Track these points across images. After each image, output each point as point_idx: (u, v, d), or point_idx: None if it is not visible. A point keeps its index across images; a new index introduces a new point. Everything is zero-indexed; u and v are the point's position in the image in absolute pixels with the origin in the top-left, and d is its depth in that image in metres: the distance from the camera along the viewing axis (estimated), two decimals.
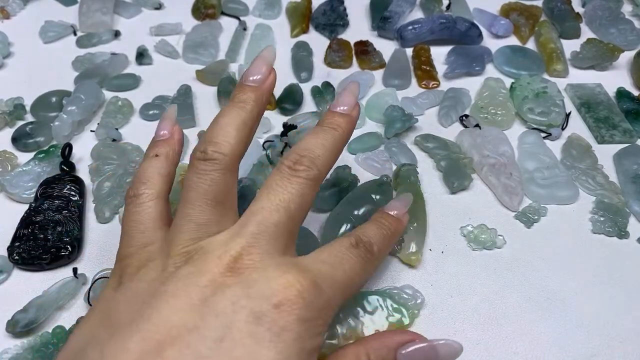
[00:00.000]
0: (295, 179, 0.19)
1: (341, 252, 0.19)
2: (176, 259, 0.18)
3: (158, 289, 0.17)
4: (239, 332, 0.15)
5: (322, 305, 0.17)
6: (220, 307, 0.16)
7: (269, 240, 0.18)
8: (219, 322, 0.16)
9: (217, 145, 0.20)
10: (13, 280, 0.26)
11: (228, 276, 0.17)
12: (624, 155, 0.33)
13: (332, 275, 0.18)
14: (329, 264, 0.19)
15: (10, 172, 0.31)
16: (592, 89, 0.38)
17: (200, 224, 0.19)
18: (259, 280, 0.17)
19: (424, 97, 0.37)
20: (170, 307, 0.16)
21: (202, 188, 0.19)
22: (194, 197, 0.19)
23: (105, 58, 0.40)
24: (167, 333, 0.15)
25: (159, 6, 0.47)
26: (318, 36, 0.44)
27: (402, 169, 0.30)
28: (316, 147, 0.20)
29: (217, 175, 0.19)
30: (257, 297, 0.16)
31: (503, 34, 0.43)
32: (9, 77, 0.39)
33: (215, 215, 0.19)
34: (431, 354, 0.19)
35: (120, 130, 0.34)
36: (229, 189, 0.20)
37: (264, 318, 0.16)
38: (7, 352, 0.23)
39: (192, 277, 0.17)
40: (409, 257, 0.26)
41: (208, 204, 0.19)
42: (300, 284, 0.17)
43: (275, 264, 0.17)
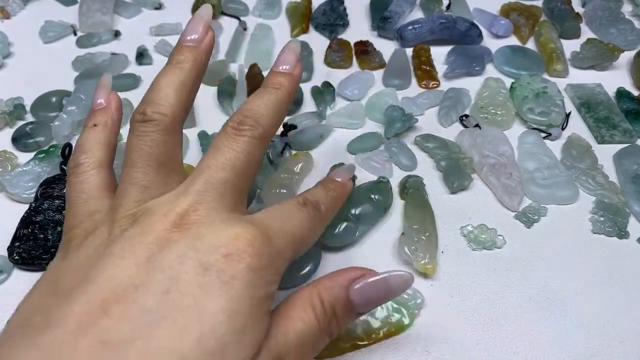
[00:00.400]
0: (240, 138, 0.19)
1: (289, 209, 0.20)
2: (122, 222, 0.18)
3: (103, 252, 0.16)
4: (186, 283, 0.15)
5: (273, 254, 0.17)
6: (167, 261, 0.16)
7: (216, 196, 0.18)
8: (166, 276, 0.16)
9: (155, 106, 0.20)
10: (13, 280, 0.26)
11: (174, 232, 0.17)
12: (624, 155, 0.33)
13: (280, 226, 0.18)
14: (278, 219, 0.19)
15: (10, 172, 0.31)
16: (592, 89, 0.38)
17: (144, 186, 0.18)
18: (207, 234, 0.17)
19: (424, 97, 0.37)
20: (115, 267, 0.16)
21: (144, 150, 0.19)
22: (136, 160, 0.19)
23: (106, 58, 0.40)
24: (113, 291, 0.15)
25: (159, 6, 0.47)
26: (318, 36, 0.44)
27: (409, 180, 0.30)
28: (259, 107, 0.20)
29: (158, 136, 0.19)
30: (205, 249, 0.16)
31: (503, 34, 0.43)
32: (9, 77, 0.39)
33: (160, 177, 0.19)
34: (383, 287, 0.19)
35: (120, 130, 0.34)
36: (171, 150, 0.20)
37: (212, 268, 0.16)
38: None
39: (137, 237, 0.17)
40: (425, 267, 0.26)
41: (151, 166, 0.19)
42: (250, 233, 0.17)
43: (223, 218, 0.17)
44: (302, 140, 0.33)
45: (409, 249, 0.26)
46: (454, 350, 0.23)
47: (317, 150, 0.34)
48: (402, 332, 0.24)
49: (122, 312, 0.15)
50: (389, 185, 0.30)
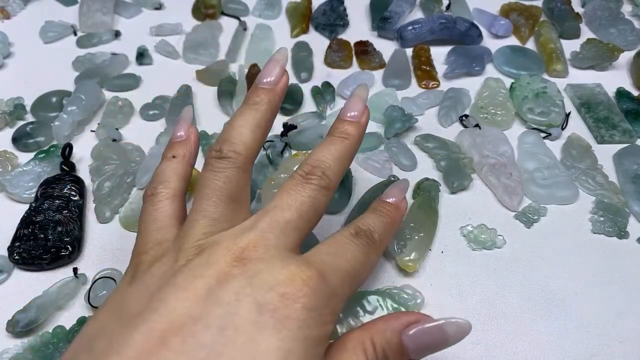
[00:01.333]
0: (308, 186, 0.20)
1: (342, 242, 0.20)
2: (188, 252, 0.18)
3: (167, 282, 0.17)
4: (241, 320, 0.16)
5: (328, 293, 0.17)
6: (224, 297, 0.16)
7: (278, 235, 0.18)
8: (222, 312, 0.16)
9: (232, 145, 0.21)
10: (13, 280, 0.26)
11: (234, 266, 0.17)
12: (623, 155, 0.33)
13: (335, 264, 0.18)
14: (332, 255, 0.19)
15: (10, 172, 0.31)
16: (592, 89, 0.38)
17: (213, 219, 0.19)
18: (264, 271, 0.17)
19: (423, 97, 0.37)
20: (176, 298, 0.16)
21: (217, 185, 0.20)
22: (209, 194, 0.20)
23: (106, 58, 0.40)
24: (172, 323, 0.15)
25: (159, 6, 0.47)
26: (318, 36, 0.44)
27: (425, 182, 0.30)
28: (327, 158, 0.21)
29: (232, 173, 0.20)
30: (261, 287, 0.17)
31: (503, 34, 0.43)
32: (9, 77, 0.39)
33: (229, 212, 0.20)
34: (438, 335, 0.18)
35: (120, 130, 0.34)
36: (242, 187, 0.21)
37: (267, 307, 0.16)
38: (7, 352, 0.23)
39: (199, 269, 0.17)
40: (406, 263, 0.26)
41: (222, 200, 0.20)
42: (305, 273, 0.17)
43: (281, 256, 0.18)
44: (302, 140, 0.34)
45: (397, 243, 0.26)
46: (454, 350, 0.23)
47: None
48: None
49: (180, 345, 0.15)
50: None
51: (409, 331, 0.18)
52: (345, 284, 0.18)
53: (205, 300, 0.16)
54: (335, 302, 0.18)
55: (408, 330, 0.18)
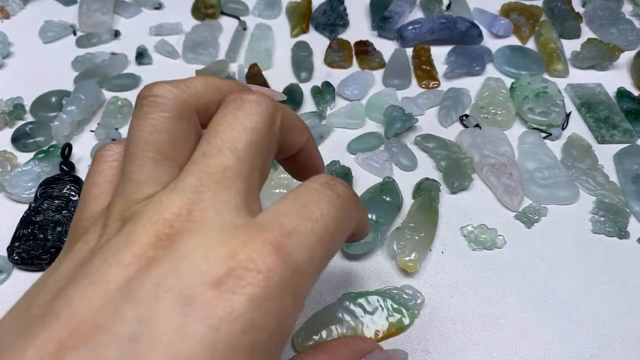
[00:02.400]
0: (240, 112, 0.15)
1: (308, 195, 0.14)
2: (111, 227, 0.14)
3: (78, 272, 0.13)
4: (160, 326, 0.11)
5: (289, 273, 0.12)
6: (141, 292, 0.12)
7: (216, 192, 0.13)
8: (136, 314, 0.11)
9: (163, 88, 0.15)
10: (13, 280, 0.26)
11: (159, 246, 0.13)
12: (624, 155, 0.33)
13: (301, 227, 0.13)
14: (294, 214, 0.13)
15: (10, 172, 0.31)
16: (593, 89, 0.38)
17: (139, 182, 0.14)
18: (195, 250, 0.12)
19: (424, 97, 0.37)
20: (82, 297, 0.12)
21: (141, 137, 0.15)
22: (133, 151, 0.15)
23: (105, 58, 0.40)
24: (74, 331, 0.12)
25: (159, 6, 0.47)
26: (318, 36, 0.44)
27: (425, 182, 0.30)
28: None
29: (159, 121, 0.15)
30: (190, 274, 0.12)
31: (503, 34, 0.43)
32: (8, 77, 0.39)
33: (159, 172, 0.15)
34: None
35: (120, 130, 0.34)
36: (177, 140, 0.15)
37: (196, 304, 0.11)
38: None
39: (116, 253, 0.13)
40: (406, 263, 0.26)
41: (148, 158, 0.15)
42: (251, 248, 0.12)
43: (221, 224, 0.13)
44: None
45: (398, 244, 0.26)
46: (454, 350, 0.23)
47: None
48: (402, 332, 0.24)
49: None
50: (396, 184, 0.30)
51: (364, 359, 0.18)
52: (315, 255, 0.13)
53: (117, 297, 0.12)
54: (301, 284, 0.13)
55: (363, 358, 0.18)
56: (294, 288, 0.12)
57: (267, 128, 0.15)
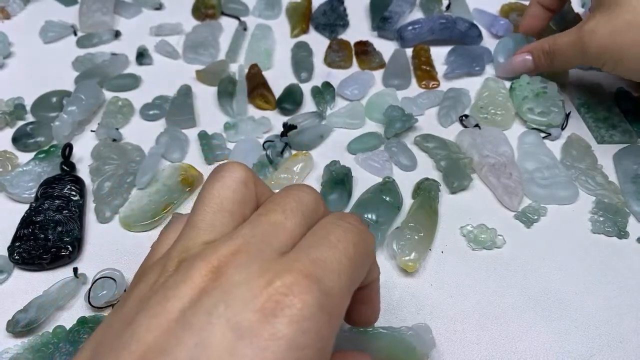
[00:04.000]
0: (295, 191, 0.18)
1: (327, 227, 0.17)
2: (168, 267, 0.16)
3: (142, 306, 0.15)
4: (215, 350, 0.13)
5: (321, 297, 0.14)
6: (197, 320, 0.14)
7: (263, 238, 0.16)
8: (195, 340, 0.13)
9: (234, 162, 0.19)
10: (13, 280, 0.26)
11: (210, 280, 0.14)
12: (623, 155, 0.33)
13: (324, 256, 0.15)
14: (317, 246, 0.16)
15: (10, 172, 0.31)
16: (592, 89, 0.38)
17: (199, 229, 0.17)
18: (241, 284, 0.14)
19: (423, 97, 0.37)
20: (147, 328, 0.14)
21: (210, 193, 0.17)
22: (200, 204, 0.17)
23: (106, 58, 0.40)
24: (141, 358, 0.13)
25: (159, 6, 0.47)
26: (318, 36, 0.44)
27: (425, 182, 0.30)
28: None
29: (230, 180, 0.18)
30: (236, 303, 0.14)
31: (503, 34, 0.43)
32: (9, 77, 0.39)
33: (217, 221, 0.17)
34: None
35: (120, 130, 0.34)
36: (240, 201, 0.18)
37: (243, 329, 0.13)
38: (7, 351, 0.23)
39: (174, 288, 0.15)
40: (406, 263, 0.26)
41: (211, 208, 0.17)
42: (287, 276, 0.14)
43: (262, 262, 0.15)
44: (302, 140, 0.34)
45: (397, 243, 0.26)
46: (454, 350, 0.23)
47: (317, 150, 0.34)
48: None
49: None
50: (396, 184, 0.30)
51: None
52: (342, 277, 0.15)
53: (176, 327, 0.14)
54: (333, 304, 0.15)
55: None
56: (327, 308, 0.14)
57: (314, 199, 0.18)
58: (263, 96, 0.37)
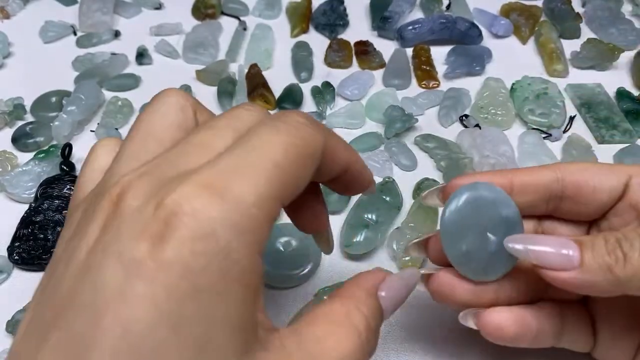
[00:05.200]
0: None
1: (250, 132, 0.14)
2: (90, 204, 0.14)
3: (62, 255, 0.14)
4: (109, 292, 0.11)
5: (225, 211, 0.12)
6: (93, 261, 0.12)
7: (176, 159, 0.14)
8: (91, 285, 0.12)
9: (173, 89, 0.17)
10: (13, 280, 0.26)
11: (112, 212, 0.13)
12: (624, 155, 0.33)
13: (236, 162, 0.13)
14: (230, 153, 0.13)
15: (10, 172, 0.31)
16: (592, 89, 0.38)
17: (125, 159, 0.15)
18: (134, 210, 0.12)
19: (424, 97, 0.37)
20: (61, 276, 0.13)
21: (139, 119, 0.16)
22: (129, 132, 0.16)
23: (105, 58, 0.40)
24: (56, 312, 0.12)
25: (159, 6, 0.47)
26: (318, 36, 0.44)
27: (425, 182, 0.30)
28: None
29: (163, 107, 0.16)
30: (127, 234, 0.12)
31: (503, 34, 0.43)
32: (8, 77, 0.39)
33: (142, 151, 0.15)
34: (403, 288, 0.17)
35: (120, 131, 0.34)
36: (171, 126, 0.16)
37: (133, 263, 0.11)
38: (6, 352, 0.23)
39: (85, 228, 0.13)
40: (406, 263, 0.26)
41: (140, 137, 0.15)
42: (178, 193, 0.12)
43: (160, 180, 0.13)
44: None
45: (398, 244, 0.26)
46: (454, 349, 0.23)
47: None
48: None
49: (57, 340, 0.11)
50: (396, 184, 0.30)
51: (382, 292, 0.16)
52: (262, 185, 0.12)
53: (81, 272, 0.12)
54: (245, 219, 0.12)
55: (381, 291, 0.16)
56: (235, 224, 0.12)
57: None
58: (263, 96, 0.36)
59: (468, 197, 0.18)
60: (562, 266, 0.15)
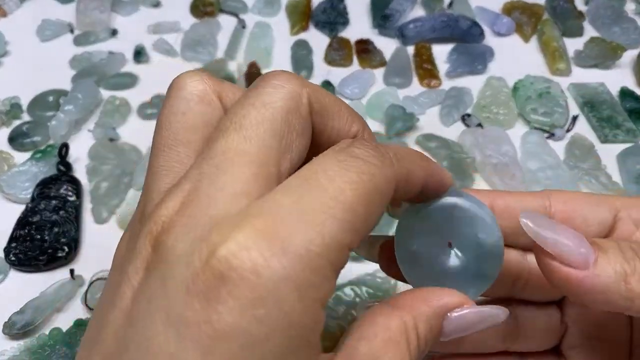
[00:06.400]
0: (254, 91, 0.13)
1: (315, 162, 0.12)
2: (135, 230, 0.13)
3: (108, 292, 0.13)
4: (158, 356, 0.10)
5: (288, 266, 0.10)
6: (139, 313, 0.11)
7: (213, 178, 0.11)
8: (137, 341, 0.10)
9: (187, 73, 0.15)
10: (9, 282, 0.26)
11: (153, 254, 0.11)
12: (627, 155, 0.32)
13: (301, 205, 0.11)
14: (295, 188, 0.11)
15: (6, 172, 0.31)
16: (595, 88, 0.37)
17: (153, 174, 0.13)
18: (181, 256, 0.10)
19: (425, 96, 0.37)
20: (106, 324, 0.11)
21: (160, 122, 0.14)
22: (154, 136, 0.14)
23: (103, 57, 0.40)
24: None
25: (157, 4, 0.46)
26: (318, 34, 0.43)
27: None
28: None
29: (182, 103, 0.14)
30: (175, 286, 0.10)
31: (505, 32, 0.43)
32: (5, 76, 0.39)
33: (172, 160, 0.13)
34: (476, 321, 0.14)
35: (117, 130, 0.34)
36: (196, 125, 0.14)
37: (184, 324, 0.10)
38: (3, 354, 0.23)
39: (128, 266, 0.12)
40: None
41: (166, 144, 0.14)
42: (236, 243, 0.10)
43: (210, 216, 0.11)
44: None
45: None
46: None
47: None
48: None
49: None
50: None
51: (453, 315, 0.13)
52: (325, 234, 0.10)
53: (125, 322, 0.11)
54: (308, 274, 0.10)
55: (452, 314, 0.13)
56: (300, 281, 0.10)
57: (287, 104, 0.13)
58: None
59: (445, 201, 0.15)
60: (578, 264, 0.13)
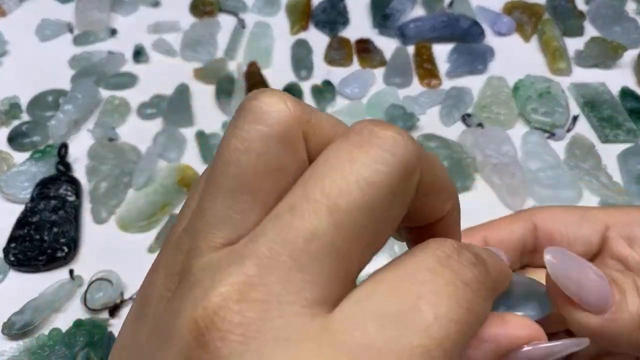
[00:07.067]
0: (363, 153, 0.10)
1: (418, 279, 0.10)
2: (169, 285, 0.10)
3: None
4: None
5: None
6: None
7: (287, 273, 0.09)
8: None
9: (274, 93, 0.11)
10: (9, 282, 0.26)
11: (197, 348, 0.09)
12: (628, 154, 0.32)
13: (400, 342, 0.09)
14: (392, 317, 0.09)
15: (6, 172, 0.31)
16: (596, 87, 0.37)
17: (207, 222, 0.10)
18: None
19: (425, 96, 0.37)
20: None
21: (223, 156, 0.11)
22: (212, 173, 0.11)
23: (102, 56, 0.39)
24: None
25: (157, 3, 0.46)
26: (318, 34, 0.43)
27: None
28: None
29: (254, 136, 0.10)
30: None
31: (506, 32, 0.43)
32: (4, 75, 0.39)
33: (234, 209, 0.10)
34: (543, 355, 0.11)
35: (117, 130, 0.34)
36: (270, 170, 0.10)
37: None
38: (3, 354, 0.23)
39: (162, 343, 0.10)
40: None
41: (228, 188, 0.10)
42: None
43: (282, 331, 0.09)
44: None
45: (399, 244, 0.26)
46: None
47: None
48: None
49: None
50: None
51: (525, 348, 0.11)
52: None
53: None
54: None
55: (528, 345, 0.11)
56: None
57: (397, 184, 0.10)
58: None
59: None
60: (598, 307, 0.11)
